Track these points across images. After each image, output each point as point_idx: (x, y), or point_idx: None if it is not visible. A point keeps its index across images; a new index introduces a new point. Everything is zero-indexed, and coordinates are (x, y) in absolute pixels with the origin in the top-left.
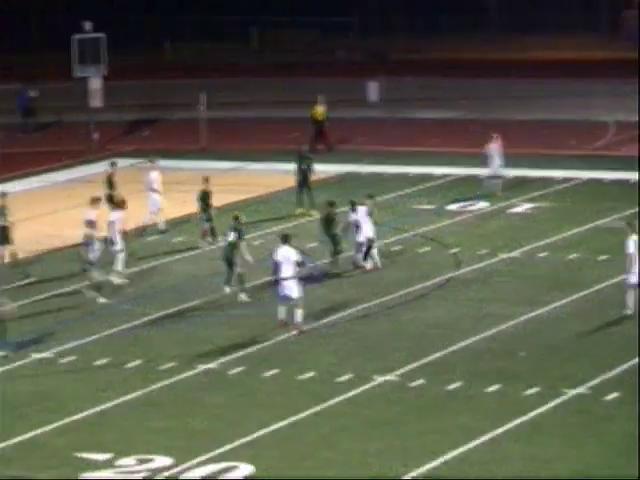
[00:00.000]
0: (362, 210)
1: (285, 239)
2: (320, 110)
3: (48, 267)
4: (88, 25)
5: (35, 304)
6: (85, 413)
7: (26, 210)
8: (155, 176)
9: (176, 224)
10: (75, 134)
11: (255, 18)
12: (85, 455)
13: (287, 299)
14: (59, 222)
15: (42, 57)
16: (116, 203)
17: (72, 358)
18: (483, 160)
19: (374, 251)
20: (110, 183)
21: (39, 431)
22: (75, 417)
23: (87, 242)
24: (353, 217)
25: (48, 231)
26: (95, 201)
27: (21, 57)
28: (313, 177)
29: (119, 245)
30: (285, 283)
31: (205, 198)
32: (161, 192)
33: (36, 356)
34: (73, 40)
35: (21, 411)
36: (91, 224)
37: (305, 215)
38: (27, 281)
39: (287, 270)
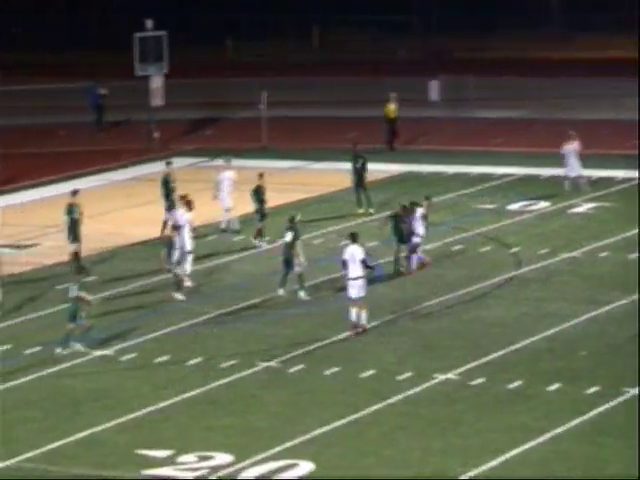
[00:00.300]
0: (418, 211)
1: (354, 238)
2: (392, 108)
3: (109, 266)
4: (149, 23)
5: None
6: (145, 410)
7: (87, 208)
8: (230, 175)
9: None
10: (137, 133)
11: (317, 17)
12: (146, 452)
13: (355, 300)
14: (119, 221)
15: (106, 55)
16: (184, 204)
17: (132, 356)
18: (559, 160)
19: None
20: (167, 183)
21: (100, 428)
22: (135, 414)
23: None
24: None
25: (108, 229)
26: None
27: (85, 55)
28: (368, 176)
29: (189, 246)
30: (353, 283)
31: (259, 194)
32: (231, 191)
33: (97, 353)
34: (135, 38)
35: (82, 408)
36: (175, 225)
37: (365, 215)
38: (88, 279)
39: (354, 269)
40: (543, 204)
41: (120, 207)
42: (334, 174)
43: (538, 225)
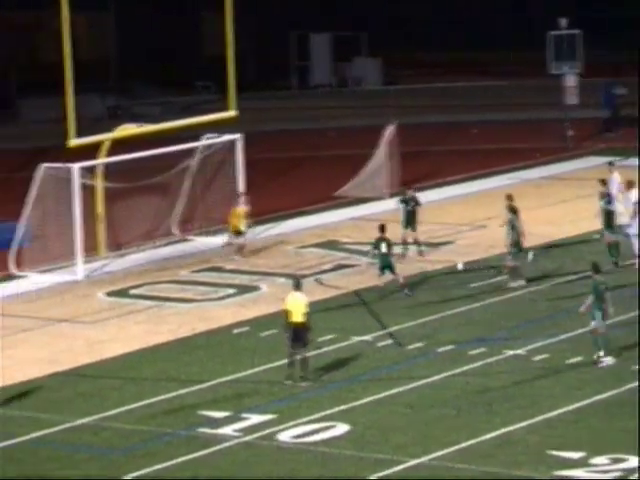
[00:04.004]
0: None
1: None
2: None
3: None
4: (564, 22)
5: (501, 302)
6: (558, 411)
7: (495, 207)
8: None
9: None
10: (549, 131)
11: None
12: (557, 453)
13: None
14: (531, 220)
15: (519, 54)
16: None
17: (544, 356)
18: None
19: None
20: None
21: (512, 428)
22: (548, 415)
23: None
24: None
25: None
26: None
27: (498, 54)
28: None
29: None
30: None
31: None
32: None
33: (509, 353)
34: (549, 37)
35: (494, 407)
36: None
37: None
38: (497, 278)
39: None
40: None
41: (534, 206)
42: None
43: None
